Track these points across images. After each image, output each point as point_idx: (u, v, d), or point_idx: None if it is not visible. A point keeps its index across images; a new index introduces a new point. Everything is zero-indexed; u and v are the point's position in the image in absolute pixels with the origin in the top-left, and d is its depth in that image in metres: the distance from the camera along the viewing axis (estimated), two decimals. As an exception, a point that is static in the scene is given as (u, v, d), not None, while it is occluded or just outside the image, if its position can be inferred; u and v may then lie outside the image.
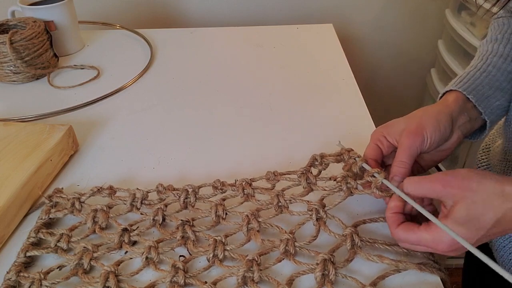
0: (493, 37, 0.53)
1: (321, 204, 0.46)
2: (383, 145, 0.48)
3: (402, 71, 1.27)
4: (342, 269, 0.41)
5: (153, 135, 0.64)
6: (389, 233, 0.43)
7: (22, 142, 0.56)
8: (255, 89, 0.75)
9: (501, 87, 0.49)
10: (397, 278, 0.41)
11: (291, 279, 0.41)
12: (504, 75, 0.49)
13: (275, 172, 0.50)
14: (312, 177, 0.49)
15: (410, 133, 0.45)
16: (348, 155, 0.50)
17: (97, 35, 0.96)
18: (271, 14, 1.14)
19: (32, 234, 0.47)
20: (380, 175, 0.44)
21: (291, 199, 0.47)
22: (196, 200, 0.49)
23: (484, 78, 0.49)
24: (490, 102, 0.48)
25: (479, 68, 0.50)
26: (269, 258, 0.43)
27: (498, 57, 0.50)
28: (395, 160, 0.45)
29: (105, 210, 0.48)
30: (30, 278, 0.42)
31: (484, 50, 0.53)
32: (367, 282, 0.40)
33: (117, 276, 0.41)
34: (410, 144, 0.44)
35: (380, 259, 0.41)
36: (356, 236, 0.43)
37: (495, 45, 0.51)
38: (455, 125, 0.47)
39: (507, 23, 0.52)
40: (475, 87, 0.48)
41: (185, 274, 0.41)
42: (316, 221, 0.45)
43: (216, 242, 0.44)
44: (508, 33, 0.52)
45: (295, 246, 0.43)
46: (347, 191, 0.46)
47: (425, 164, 0.49)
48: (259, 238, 0.44)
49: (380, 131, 0.48)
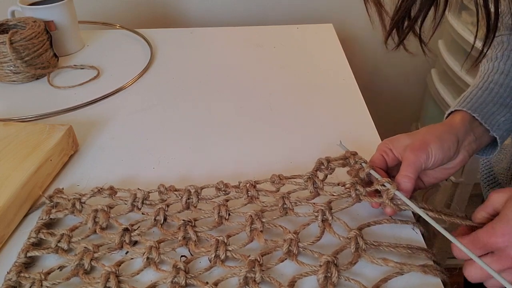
0: (493, 56, 0.53)
1: (328, 206, 0.45)
2: (389, 157, 0.48)
3: (402, 71, 1.27)
4: (345, 271, 0.41)
5: (153, 135, 0.64)
6: (393, 234, 0.43)
7: (22, 142, 0.56)
8: (255, 89, 0.75)
9: (505, 103, 0.49)
10: (399, 280, 0.41)
11: (293, 280, 0.41)
12: (507, 91, 0.50)
13: (280, 176, 0.50)
14: (319, 182, 0.48)
15: (414, 149, 0.45)
16: (353, 159, 0.50)
17: (97, 35, 0.96)
18: (271, 14, 1.14)
19: (32, 234, 0.46)
20: (392, 186, 0.44)
21: (296, 202, 0.47)
22: (198, 201, 0.49)
23: (487, 95, 0.49)
24: (496, 119, 0.48)
25: (480, 87, 0.50)
26: (271, 259, 0.43)
27: (499, 74, 0.51)
28: (400, 174, 0.45)
29: (106, 210, 0.48)
30: (31, 279, 0.42)
31: (485, 69, 0.53)
32: (370, 285, 0.40)
33: (118, 277, 0.41)
34: (415, 159, 0.45)
35: (384, 262, 0.41)
36: (360, 239, 0.42)
37: (495, 63, 0.52)
38: (461, 146, 0.47)
39: (506, 41, 0.53)
40: (479, 105, 0.48)
41: (186, 275, 0.41)
42: (322, 223, 0.45)
43: (218, 242, 0.44)
44: (508, 50, 0.52)
45: (299, 246, 0.43)
46: (355, 197, 0.46)
47: (427, 180, 0.50)
48: (262, 238, 0.44)
49: (387, 144, 0.49)
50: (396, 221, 0.46)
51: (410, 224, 0.47)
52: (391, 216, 0.46)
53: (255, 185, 0.49)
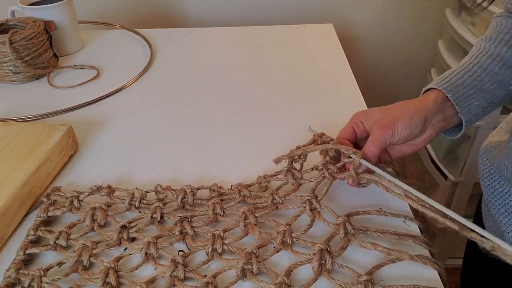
0: (487, 36, 0.53)
1: (313, 195, 0.48)
2: (359, 128, 0.50)
3: (402, 71, 1.27)
4: (339, 258, 0.42)
5: (153, 135, 0.64)
6: (382, 224, 0.44)
7: (22, 142, 0.56)
8: (255, 89, 0.75)
9: (483, 87, 0.50)
10: (392, 268, 0.42)
11: (289, 270, 0.41)
12: (488, 76, 0.50)
13: (265, 176, 0.52)
14: (297, 172, 0.50)
15: (382, 125, 0.47)
16: (321, 140, 0.52)
17: (97, 35, 0.96)
18: (271, 14, 1.14)
19: (31, 232, 0.47)
20: (357, 155, 0.46)
21: (284, 196, 0.49)
22: (194, 201, 0.50)
23: (468, 77, 0.50)
24: (469, 102, 0.49)
25: (465, 67, 0.51)
26: (267, 251, 0.44)
27: (487, 57, 0.51)
28: (365, 148, 0.47)
29: (104, 208, 0.48)
30: (30, 275, 0.42)
31: (476, 48, 0.53)
32: (363, 272, 0.41)
33: (117, 272, 0.42)
34: (380, 136, 0.47)
35: (373, 246, 0.42)
36: (348, 224, 0.44)
37: (487, 43, 0.52)
38: (428, 124, 0.49)
39: (504, 22, 0.52)
40: (456, 86, 0.49)
41: (185, 268, 0.41)
42: (311, 212, 0.47)
43: (214, 236, 0.44)
44: (503, 33, 0.52)
45: (292, 236, 0.44)
46: (330, 176, 0.48)
47: (394, 154, 0.52)
48: (257, 231, 0.45)
49: (359, 116, 0.51)
50: (386, 214, 0.47)
51: (402, 218, 0.47)
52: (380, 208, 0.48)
53: (247, 186, 0.51)
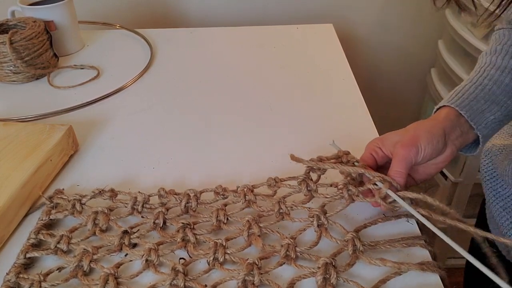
0: (492, 49, 0.53)
1: (322, 210, 0.45)
2: (378, 155, 0.48)
3: (402, 71, 1.27)
4: (343, 273, 0.41)
5: (153, 135, 0.64)
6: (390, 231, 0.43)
7: (22, 142, 0.56)
8: (255, 89, 0.75)
9: (496, 100, 0.49)
10: (398, 280, 0.41)
11: (292, 282, 0.40)
12: (500, 88, 0.49)
13: (276, 179, 0.50)
14: (312, 184, 0.48)
15: (405, 144, 0.45)
16: (346, 158, 0.49)
17: (97, 35, 0.96)
18: (271, 14, 1.14)
19: (32, 235, 0.46)
20: (384, 185, 0.44)
21: (292, 206, 0.47)
22: (197, 205, 0.49)
23: (479, 92, 0.49)
24: (484, 117, 0.48)
25: (475, 81, 0.50)
26: (270, 263, 0.43)
27: (495, 70, 0.50)
28: (391, 170, 0.45)
29: (106, 213, 0.48)
30: (30, 280, 0.42)
31: (483, 62, 0.52)
32: (369, 286, 0.40)
33: (116, 279, 0.41)
34: (406, 155, 0.45)
35: (382, 263, 0.41)
36: (357, 241, 0.42)
37: (493, 57, 0.51)
38: (448, 139, 0.47)
39: (507, 35, 0.52)
40: (469, 102, 0.48)
41: (185, 277, 0.41)
42: (318, 228, 0.45)
43: (216, 245, 0.43)
44: (507, 45, 0.51)
45: (296, 251, 0.43)
46: (348, 198, 0.45)
47: (418, 177, 0.49)
48: (260, 242, 0.44)
49: (376, 142, 0.49)
50: (390, 218, 0.47)
51: (404, 218, 0.47)
52: (384, 214, 0.47)
53: (253, 189, 0.49)
